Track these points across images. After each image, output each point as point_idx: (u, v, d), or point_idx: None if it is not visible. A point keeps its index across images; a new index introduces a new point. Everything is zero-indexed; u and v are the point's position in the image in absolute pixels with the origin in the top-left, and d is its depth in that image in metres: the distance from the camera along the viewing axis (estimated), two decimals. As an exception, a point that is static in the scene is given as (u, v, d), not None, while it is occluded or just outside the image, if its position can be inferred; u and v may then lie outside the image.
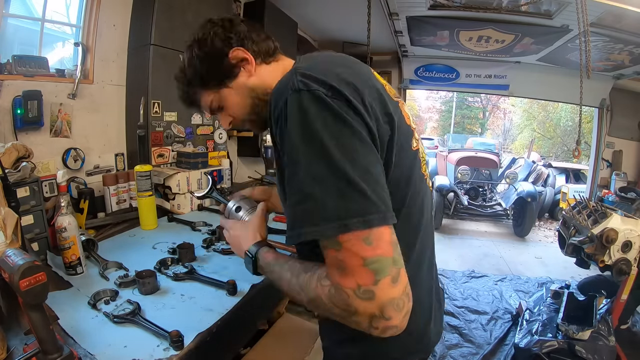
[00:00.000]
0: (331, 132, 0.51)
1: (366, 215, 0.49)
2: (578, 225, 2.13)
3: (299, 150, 0.51)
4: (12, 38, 1.51)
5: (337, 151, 0.50)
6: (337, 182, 0.49)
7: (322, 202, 0.49)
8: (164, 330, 0.80)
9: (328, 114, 0.51)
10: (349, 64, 0.63)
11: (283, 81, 0.57)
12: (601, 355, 1.84)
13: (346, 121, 0.52)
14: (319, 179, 0.50)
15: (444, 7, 3.00)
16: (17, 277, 0.61)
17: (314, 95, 0.52)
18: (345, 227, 0.48)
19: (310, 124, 0.51)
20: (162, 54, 1.80)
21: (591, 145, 5.17)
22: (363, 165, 0.51)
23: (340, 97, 0.53)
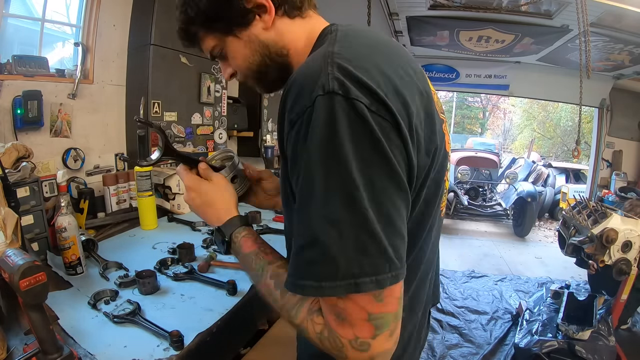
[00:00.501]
0: (364, 165, 0.40)
1: (380, 274, 0.42)
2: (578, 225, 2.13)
3: (315, 180, 0.41)
4: (12, 38, 1.51)
5: (365, 193, 0.40)
6: (356, 232, 0.40)
7: (333, 255, 0.41)
8: (164, 330, 0.80)
9: (366, 139, 0.40)
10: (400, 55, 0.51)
11: (312, 68, 0.44)
12: (601, 355, 1.84)
13: (385, 153, 0.41)
14: (336, 224, 0.41)
15: (444, 7, 3.00)
16: (17, 277, 0.61)
17: (353, 107, 0.40)
18: (355, 286, 0.41)
19: (339, 148, 0.40)
20: (162, 54, 1.80)
21: (591, 145, 5.17)
22: (390, 213, 0.42)
23: (387, 114, 0.42)
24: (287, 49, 0.60)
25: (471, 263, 4.06)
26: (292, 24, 0.60)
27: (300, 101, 0.43)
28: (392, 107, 0.42)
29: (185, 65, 1.95)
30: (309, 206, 0.42)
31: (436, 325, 2.74)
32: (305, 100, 0.42)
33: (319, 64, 0.44)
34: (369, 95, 0.41)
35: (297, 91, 0.44)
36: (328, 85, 0.41)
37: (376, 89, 0.42)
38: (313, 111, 0.41)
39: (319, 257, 0.42)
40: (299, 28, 0.60)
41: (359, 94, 0.41)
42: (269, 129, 2.78)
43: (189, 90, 2.04)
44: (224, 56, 0.63)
